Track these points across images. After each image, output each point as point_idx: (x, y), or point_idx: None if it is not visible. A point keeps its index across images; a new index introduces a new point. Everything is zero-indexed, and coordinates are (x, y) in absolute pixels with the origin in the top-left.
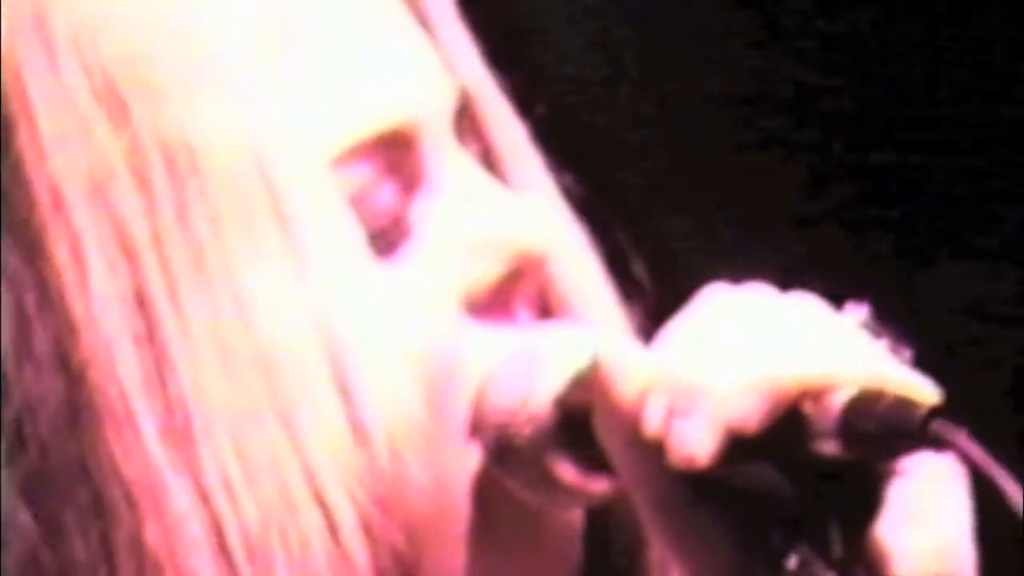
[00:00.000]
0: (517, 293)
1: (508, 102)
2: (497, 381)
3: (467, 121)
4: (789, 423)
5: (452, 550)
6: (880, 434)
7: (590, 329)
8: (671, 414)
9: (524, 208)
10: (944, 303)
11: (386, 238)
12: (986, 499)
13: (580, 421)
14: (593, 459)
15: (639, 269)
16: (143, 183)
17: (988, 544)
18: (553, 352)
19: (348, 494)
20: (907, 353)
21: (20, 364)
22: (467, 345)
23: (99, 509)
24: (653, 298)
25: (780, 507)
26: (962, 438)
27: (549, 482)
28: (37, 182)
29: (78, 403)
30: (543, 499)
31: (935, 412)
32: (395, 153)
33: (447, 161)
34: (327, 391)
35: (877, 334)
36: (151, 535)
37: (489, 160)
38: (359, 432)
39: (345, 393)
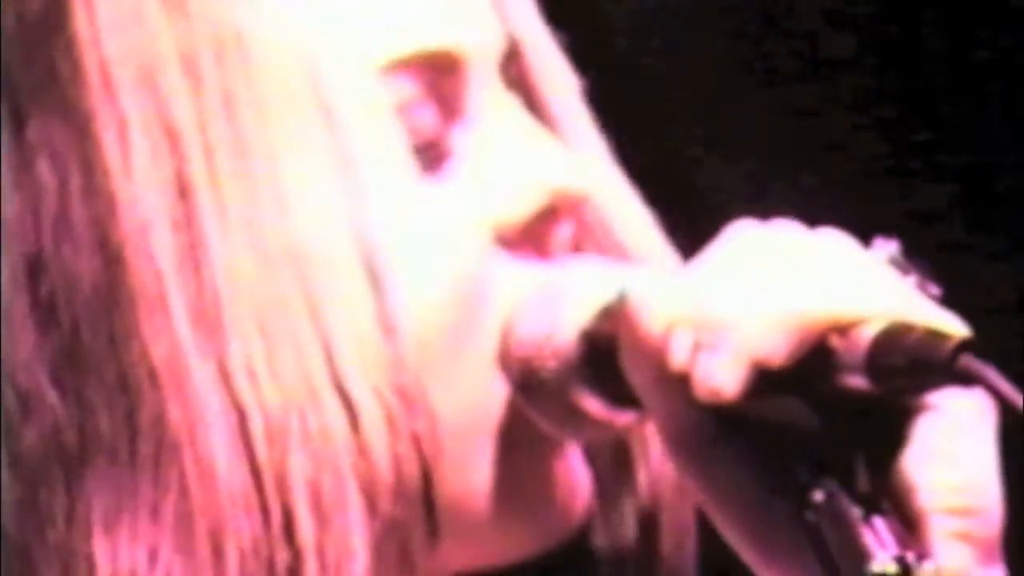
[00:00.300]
0: (551, 233)
1: (562, 57)
2: (523, 314)
3: (515, 69)
4: (816, 357)
5: (470, 457)
6: (907, 368)
7: (615, 263)
8: (697, 348)
9: (563, 152)
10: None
11: (424, 156)
12: (1014, 434)
13: (606, 354)
14: (618, 392)
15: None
16: (191, 70)
17: (1016, 479)
18: (579, 285)
19: (371, 385)
20: (934, 290)
21: (58, 242)
22: (497, 276)
23: (125, 387)
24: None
25: (806, 441)
26: (990, 373)
27: (574, 415)
28: (89, 65)
29: (113, 283)
30: (568, 432)
31: (963, 347)
32: (439, 76)
33: (490, 97)
34: (358, 287)
35: (905, 271)
36: (174, 415)
37: (537, 111)
38: (387, 327)
39: (376, 290)
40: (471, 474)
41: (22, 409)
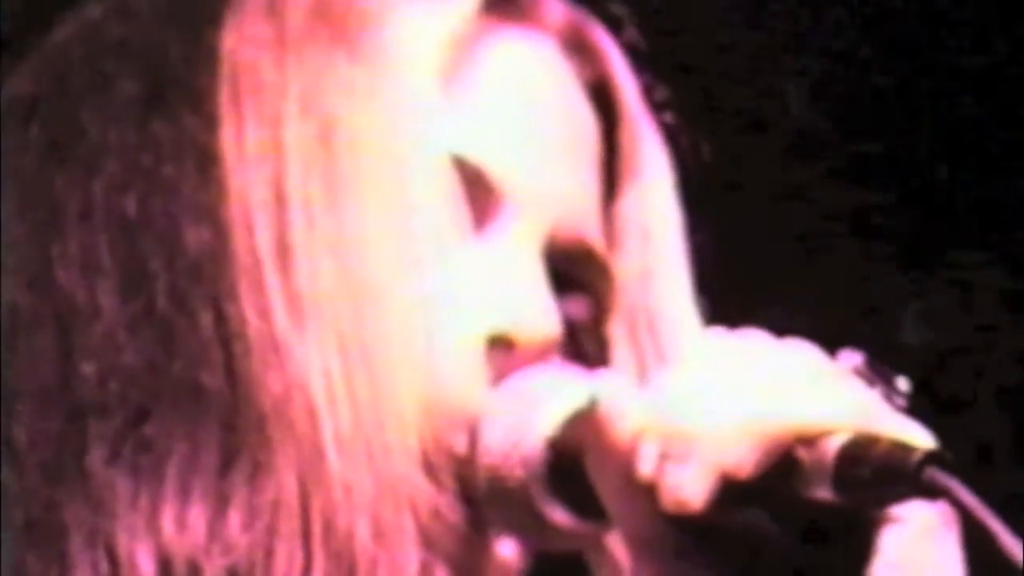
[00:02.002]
0: (505, 367)
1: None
2: (490, 421)
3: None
4: (783, 469)
5: None
6: (874, 480)
7: (583, 373)
8: (664, 458)
9: (544, 301)
10: None
11: None
12: (980, 548)
13: (573, 463)
14: (585, 502)
15: None
16: (304, 103)
17: None
18: (547, 394)
19: (419, 432)
20: (901, 400)
21: (167, 211)
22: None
23: (227, 349)
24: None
25: (773, 553)
26: (956, 486)
27: (540, 524)
28: (225, 67)
29: (219, 253)
30: (533, 541)
31: (929, 459)
32: (474, 188)
33: (512, 232)
34: (418, 335)
35: (871, 381)
36: (273, 386)
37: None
38: (436, 388)
39: (429, 352)
40: None
41: (88, 344)
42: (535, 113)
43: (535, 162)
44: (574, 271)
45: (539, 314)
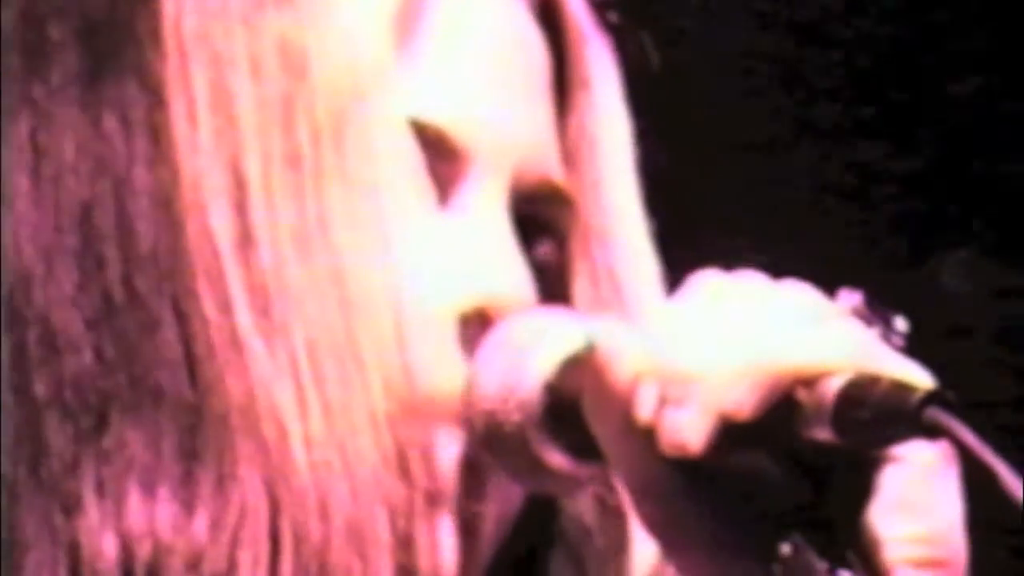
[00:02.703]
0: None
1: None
2: (486, 366)
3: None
4: (782, 410)
5: None
6: (873, 421)
7: (578, 316)
8: (663, 401)
9: (517, 267)
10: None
11: None
12: (980, 486)
13: (570, 407)
14: (583, 445)
15: None
16: (257, 73)
17: (982, 532)
18: (543, 338)
19: (392, 429)
20: (899, 340)
21: (119, 196)
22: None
23: (187, 348)
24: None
25: (772, 494)
26: (956, 425)
27: (539, 468)
28: (169, 37)
29: (174, 247)
30: (532, 485)
31: (929, 399)
32: (436, 155)
33: (478, 196)
34: (388, 328)
35: (869, 322)
36: (233, 389)
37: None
38: (408, 377)
39: (400, 336)
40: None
41: (45, 348)
42: (488, 55)
43: (494, 111)
44: (539, 211)
45: (513, 284)
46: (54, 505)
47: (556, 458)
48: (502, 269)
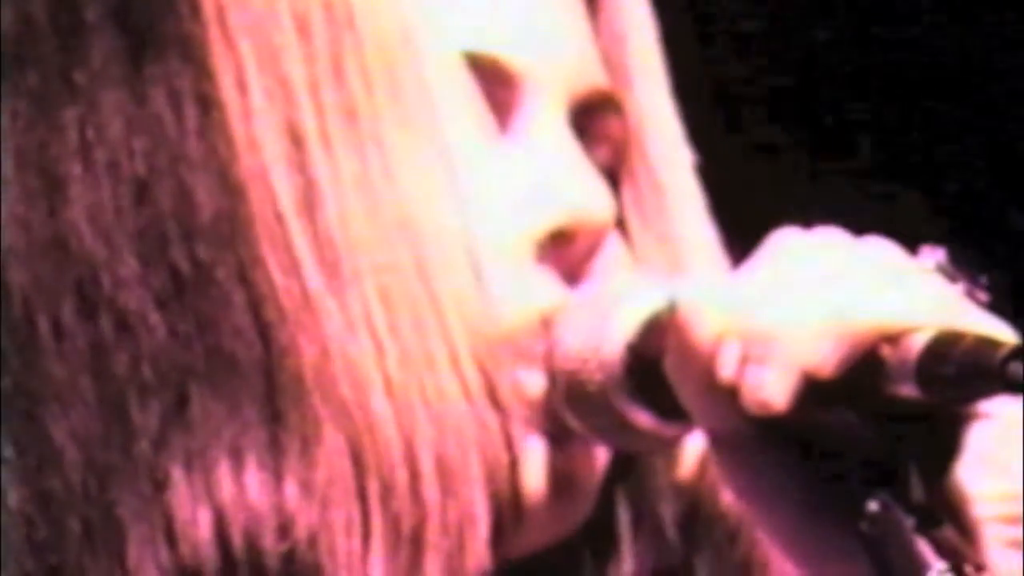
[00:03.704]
0: (568, 254)
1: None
2: (569, 326)
3: (614, 126)
4: (866, 367)
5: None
6: (958, 377)
7: (661, 275)
8: (746, 360)
9: (595, 182)
10: None
11: None
12: None
13: (652, 366)
14: (666, 404)
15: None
16: (303, 29)
17: None
18: (625, 298)
19: (477, 363)
20: (983, 297)
21: (175, 171)
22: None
23: (257, 315)
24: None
25: (858, 451)
26: None
27: (622, 427)
28: (207, 5)
29: (235, 215)
30: (616, 443)
31: (1014, 354)
32: (491, 84)
33: (539, 118)
34: (462, 263)
35: (953, 278)
36: (307, 352)
37: (639, 176)
38: (487, 308)
39: (475, 268)
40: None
41: (119, 330)
42: None
43: (541, 28)
44: (593, 119)
45: (592, 197)
46: (146, 483)
47: (640, 417)
48: (577, 186)
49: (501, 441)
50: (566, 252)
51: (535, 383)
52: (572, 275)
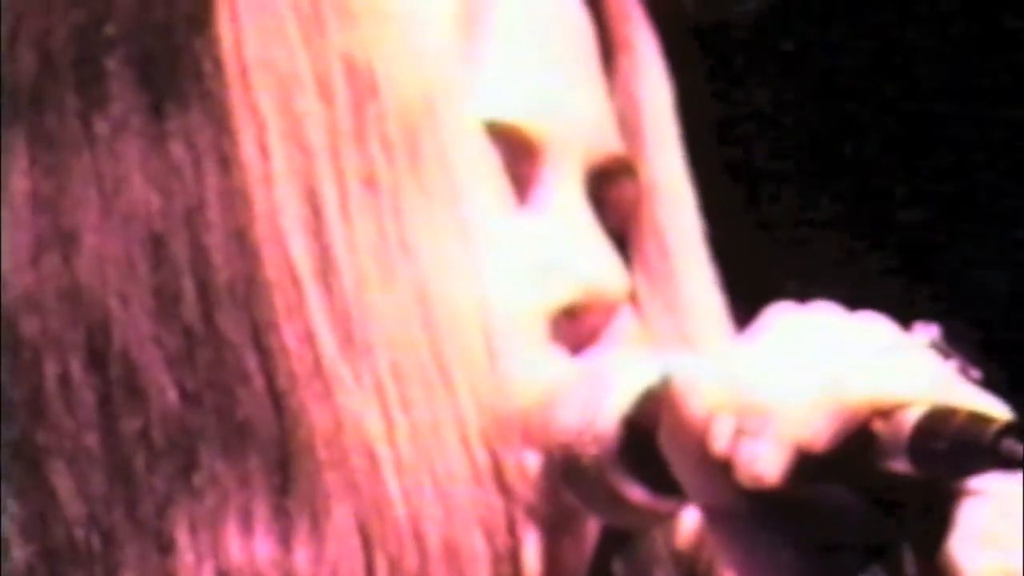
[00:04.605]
0: (578, 328)
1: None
2: (565, 399)
3: (628, 190)
4: (859, 442)
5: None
6: (951, 453)
7: (656, 350)
8: (739, 433)
9: (610, 256)
10: None
11: None
12: None
13: (647, 440)
14: (661, 479)
15: None
16: (325, 94)
17: None
18: (620, 372)
19: (486, 443)
20: (976, 374)
21: (192, 229)
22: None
23: (271, 381)
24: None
25: (851, 526)
26: None
27: (616, 502)
28: (230, 64)
29: (251, 278)
30: (610, 518)
31: (1007, 430)
32: (511, 153)
33: (557, 189)
34: (477, 343)
35: (946, 355)
36: (319, 420)
37: (648, 239)
38: (500, 389)
39: (490, 348)
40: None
41: (128, 388)
42: (545, 41)
43: (560, 97)
44: (608, 185)
45: (607, 272)
46: (151, 545)
47: (634, 492)
48: (592, 261)
49: (504, 525)
50: (578, 327)
51: (536, 463)
52: (582, 350)
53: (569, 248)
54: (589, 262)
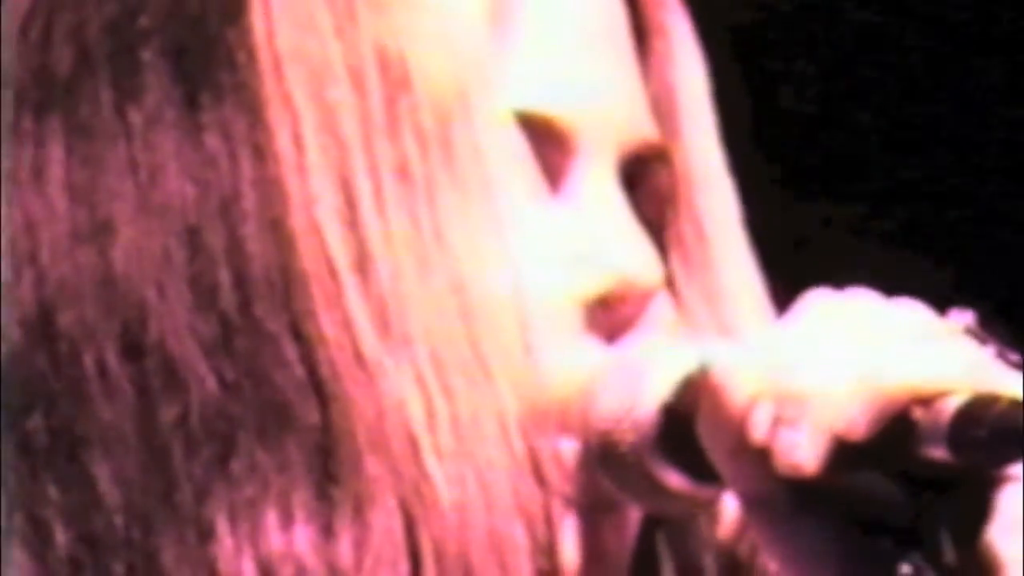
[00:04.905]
0: (612, 318)
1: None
2: (603, 387)
3: (663, 176)
4: (898, 429)
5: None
6: (991, 440)
7: (693, 337)
8: (777, 422)
9: (644, 246)
10: None
11: None
12: None
13: (685, 428)
14: (699, 466)
15: None
16: (358, 85)
17: None
18: (659, 360)
19: (523, 433)
20: (1015, 359)
21: (228, 220)
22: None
23: (312, 371)
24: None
25: (890, 514)
26: None
27: (655, 489)
28: (263, 55)
29: (288, 268)
30: (649, 505)
31: None
32: (543, 143)
33: (593, 177)
34: (513, 332)
35: (983, 340)
36: (365, 411)
37: (686, 224)
38: (537, 379)
39: (525, 337)
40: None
41: (166, 378)
42: (578, 28)
43: (593, 85)
44: (643, 172)
45: (642, 261)
46: (190, 532)
47: (672, 478)
48: (626, 250)
49: (542, 516)
50: (613, 317)
51: (574, 451)
52: (617, 339)
53: (602, 237)
54: (622, 251)
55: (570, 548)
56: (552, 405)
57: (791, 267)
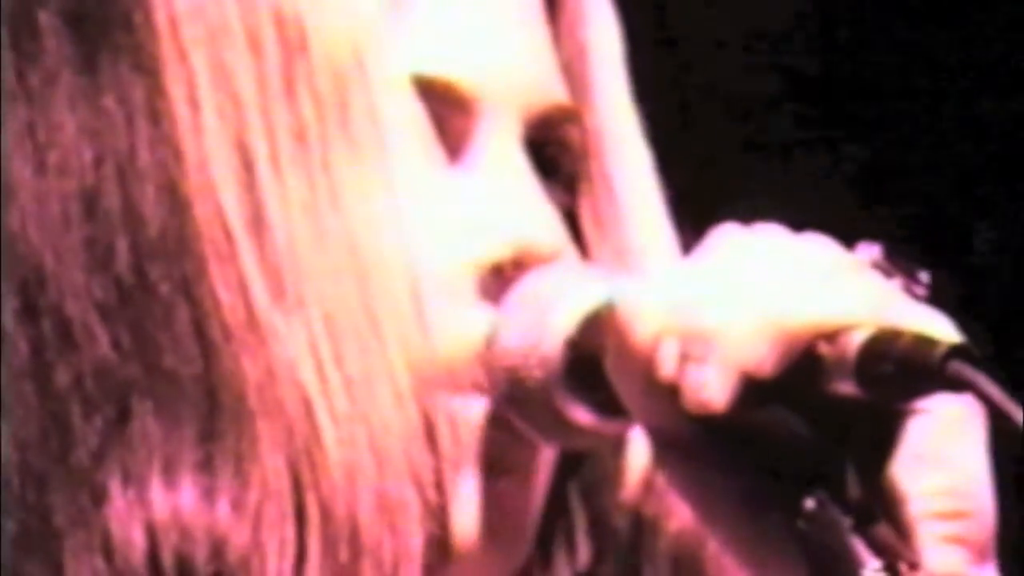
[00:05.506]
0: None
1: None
2: (508, 323)
3: (574, 134)
4: (804, 365)
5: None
6: (897, 374)
7: (601, 271)
8: (685, 359)
9: (546, 210)
10: None
11: None
12: (1004, 438)
13: (592, 363)
14: (606, 401)
15: None
16: (255, 46)
17: (1006, 485)
18: (564, 294)
19: (417, 399)
20: (921, 292)
21: (123, 182)
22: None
23: (200, 333)
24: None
25: (796, 449)
26: (980, 378)
27: (562, 424)
28: (159, 15)
29: (182, 231)
30: (556, 440)
31: (952, 352)
32: (444, 108)
33: (492, 143)
34: (405, 297)
35: (890, 274)
36: (251, 372)
37: (598, 183)
38: (428, 344)
39: (417, 303)
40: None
41: (62, 339)
42: None
43: (496, 48)
44: (551, 134)
45: (540, 228)
46: (84, 494)
47: (580, 414)
48: (527, 214)
49: (433, 480)
50: (509, 284)
51: (470, 413)
52: None
53: (502, 203)
54: (521, 218)
55: (465, 512)
56: (445, 369)
57: (699, 208)
